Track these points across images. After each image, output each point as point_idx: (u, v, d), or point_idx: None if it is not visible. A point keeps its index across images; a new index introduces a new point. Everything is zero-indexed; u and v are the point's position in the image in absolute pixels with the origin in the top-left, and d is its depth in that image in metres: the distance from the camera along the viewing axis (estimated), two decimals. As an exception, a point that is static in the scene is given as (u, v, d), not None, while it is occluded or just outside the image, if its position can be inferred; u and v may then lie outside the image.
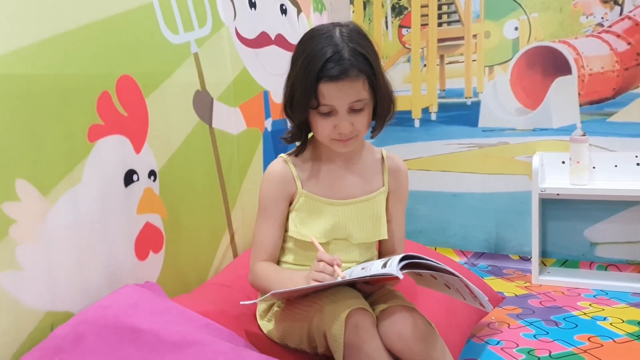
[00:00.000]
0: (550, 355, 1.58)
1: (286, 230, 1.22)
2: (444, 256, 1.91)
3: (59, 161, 1.15)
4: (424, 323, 1.07)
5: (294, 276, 1.13)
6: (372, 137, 1.26)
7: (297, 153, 1.25)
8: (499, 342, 1.68)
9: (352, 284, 1.13)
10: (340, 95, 1.11)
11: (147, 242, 1.38)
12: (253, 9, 1.80)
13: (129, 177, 1.33)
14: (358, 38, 1.14)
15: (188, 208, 1.52)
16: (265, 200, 1.22)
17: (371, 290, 1.16)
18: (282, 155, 1.26)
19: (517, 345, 1.65)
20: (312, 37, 1.16)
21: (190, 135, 1.53)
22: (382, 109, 1.18)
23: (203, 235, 1.58)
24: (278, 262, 1.25)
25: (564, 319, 1.83)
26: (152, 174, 1.39)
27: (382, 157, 1.28)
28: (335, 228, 1.19)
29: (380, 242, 1.29)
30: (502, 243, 2.43)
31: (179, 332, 0.95)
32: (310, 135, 1.24)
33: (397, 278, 0.97)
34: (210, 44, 1.60)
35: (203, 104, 1.58)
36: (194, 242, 1.54)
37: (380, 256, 1.30)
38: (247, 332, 1.22)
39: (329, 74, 1.09)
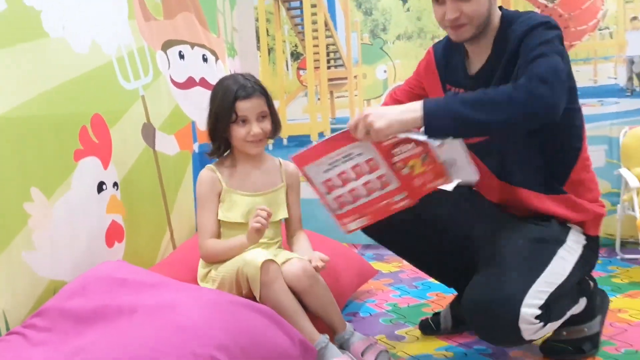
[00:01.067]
0: (408, 306, 2.22)
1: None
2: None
3: (57, 175, 1.66)
4: (310, 268, 1.65)
5: (237, 239, 1.67)
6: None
7: (219, 163, 1.80)
8: (374, 301, 2.31)
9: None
10: (251, 108, 1.69)
11: (113, 234, 1.89)
12: (182, 59, 2.36)
13: (100, 187, 1.84)
14: (254, 78, 1.75)
15: (140, 209, 2.04)
16: (202, 197, 1.76)
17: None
18: (209, 165, 1.82)
19: (386, 302, 2.28)
20: (225, 79, 1.76)
21: (140, 155, 2.06)
22: (275, 125, 1.77)
23: (151, 230, 2.10)
24: None
25: (422, 284, 2.49)
26: (115, 184, 1.91)
27: (280, 163, 1.87)
28: (250, 212, 1.76)
29: (285, 222, 1.86)
30: (383, 236, 3.09)
31: (154, 278, 1.49)
32: (226, 153, 1.80)
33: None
34: (152, 88, 2.14)
35: (148, 133, 2.11)
36: (145, 235, 2.06)
37: (287, 233, 1.87)
38: (191, 290, 1.76)
39: (242, 95, 1.68)
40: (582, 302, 1.65)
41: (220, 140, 1.76)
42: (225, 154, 1.80)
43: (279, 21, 3.13)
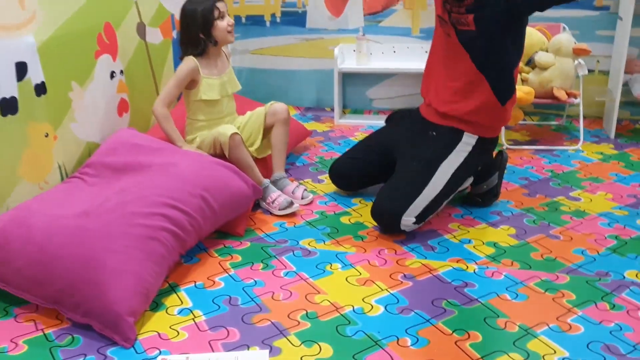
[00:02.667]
0: (330, 159, 3.14)
1: (197, 100, 2.56)
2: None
3: (85, 70, 2.41)
4: (289, 111, 2.54)
5: (178, 137, 2.46)
6: None
7: (198, 56, 2.53)
8: (307, 154, 3.22)
9: None
10: (224, 6, 2.43)
11: (122, 108, 2.69)
12: (162, -35, 2.98)
13: (112, 75, 2.60)
14: None
15: (138, 88, 2.81)
16: (179, 76, 2.44)
17: None
18: (191, 56, 2.54)
19: (316, 155, 3.20)
20: (190, 1, 2.44)
21: (136, 47, 2.79)
22: None
23: (146, 102, 2.89)
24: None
25: (344, 142, 3.39)
26: (121, 71, 2.67)
27: (224, 52, 2.60)
28: (222, 90, 2.54)
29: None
30: (320, 101, 3.93)
31: (159, 144, 2.33)
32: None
33: None
34: (142, -6, 2.81)
35: (140, 29, 2.81)
36: (142, 107, 2.85)
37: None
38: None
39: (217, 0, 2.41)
40: (470, 179, 2.43)
41: (198, 41, 2.46)
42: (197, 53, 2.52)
43: None
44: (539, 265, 2.10)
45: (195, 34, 2.45)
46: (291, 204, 2.48)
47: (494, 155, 2.52)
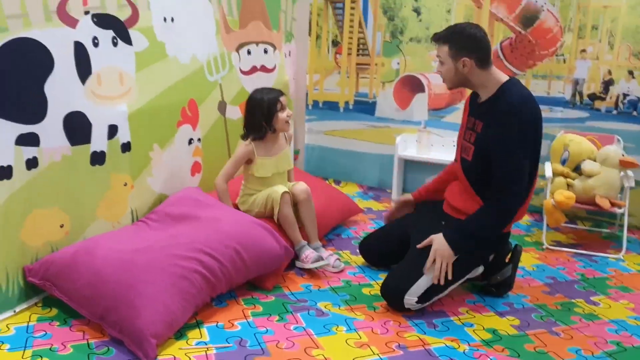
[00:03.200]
0: (374, 235, 3.43)
1: (251, 174, 2.97)
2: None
3: (166, 135, 2.93)
4: (309, 190, 2.87)
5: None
6: None
7: (258, 139, 2.98)
8: (355, 228, 3.53)
9: None
10: (285, 100, 2.86)
11: (195, 169, 3.18)
12: (249, 55, 3.52)
13: (190, 141, 3.11)
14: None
15: (212, 154, 3.30)
16: (238, 156, 2.88)
17: None
18: (249, 140, 2.98)
19: (363, 230, 3.50)
20: (259, 91, 2.90)
21: (216, 120, 3.30)
22: None
23: (219, 167, 3.37)
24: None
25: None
26: (199, 139, 3.17)
27: (284, 135, 3.03)
28: (276, 168, 2.95)
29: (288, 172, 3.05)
30: (383, 182, 4.26)
31: (212, 201, 2.76)
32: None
33: None
34: (227, 77, 3.34)
35: (222, 106, 3.34)
36: (212, 170, 3.33)
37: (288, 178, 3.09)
38: (235, 209, 3.05)
39: (281, 94, 2.86)
40: (480, 269, 2.62)
41: (260, 127, 2.90)
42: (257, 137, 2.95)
43: (327, 17, 4.21)
44: (528, 356, 2.23)
45: (259, 121, 2.89)
46: (322, 259, 2.79)
47: (509, 248, 2.71)
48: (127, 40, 2.62)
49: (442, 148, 3.97)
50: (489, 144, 2.37)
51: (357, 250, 3.15)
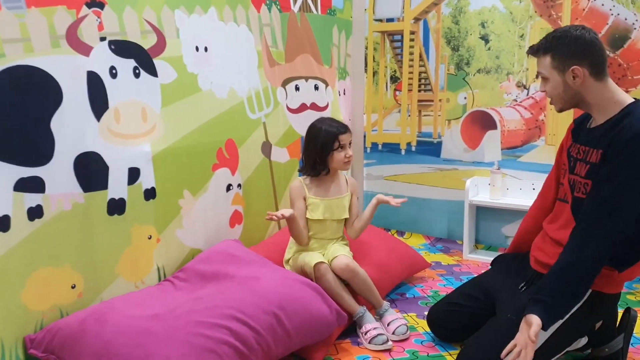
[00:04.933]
0: (447, 294, 2.90)
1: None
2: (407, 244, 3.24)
3: (200, 181, 2.56)
4: (351, 263, 2.41)
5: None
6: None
7: (308, 177, 2.57)
8: (422, 286, 3.01)
9: None
10: (346, 138, 2.46)
11: (235, 219, 2.79)
12: (297, 91, 3.16)
13: (228, 187, 2.73)
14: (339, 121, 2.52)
15: (255, 202, 2.91)
16: (292, 195, 2.51)
17: None
18: (299, 177, 2.60)
19: (431, 289, 2.98)
20: (319, 122, 2.51)
21: (259, 164, 2.92)
22: None
23: (262, 216, 2.97)
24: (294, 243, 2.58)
25: (466, 277, 3.13)
26: (239, 185, 2.79)
27: (346, 178, 2.61)
28: (326, 211, 2.53)
29: (346, 220, 2.60)
30: (452, 232, 3.73)
31: (252, 257, 2.34)
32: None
33: None
34: (272, 116, 2.98)
35: (266, 148, 2.96)
36: (256, 220, 2.93)
37: (347, 225, 2.63)
38: (280, 265, 2.61)
39: (342, 130, 2.46)
40: (583, 340, 2.08)
41: (314, 163, 2.52)
42: (311, 174, 2.57)
43: (383, 51, 3.82)
44: None
45: (313, 157, 2.51)
46: (385, 341, 2.29)
47: (619, 314, 2.13)
48: (152, 71, 2.29)
49: (519, 192, 3.43)
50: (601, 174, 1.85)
51: (425, 313, 2.63)
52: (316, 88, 3.30)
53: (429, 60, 3.68)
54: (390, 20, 3.77)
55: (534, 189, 3.40)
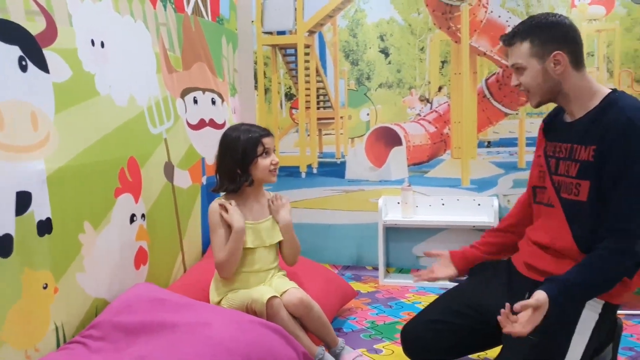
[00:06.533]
0: (384, 323, 2.60)
1: None
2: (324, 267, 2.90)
3: (102, 210, 2.00)
4: (306, 297, 2.02)
5: (231, 237, 2.02)
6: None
7: (225, 197, 2.14)
8: (355, 318, 2.69)
9: None
10: (271, 142, 2.09)
11: (140, 258, 2.23)
12: (196, 104, 2.70)
13: (132, 218, 2.18)
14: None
15: (160, 236, 2.38)
16: (214, 224, 2.09)
17: None
18: (218, 198, 2.16)
19: (365, 319, 2.66)
20: (237, 128, 2.13)
21: (162, 190, 2.40)
22: None
23: (167, 254, 2.44)
24: (218, 278, 2.11)
25: (395, 304, 2.88)
26: (142, 215, 2.25)
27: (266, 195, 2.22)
28: (256, 238, 2.09)
29: (279, 244, 2.19)
30: (360, 258, 3.48)
31: (185, 300, 1.84)
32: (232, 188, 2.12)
33: None
34: (172, 131, 2.49)
35: (168, 170, 2.46)
36: (163, 258, 2.39)
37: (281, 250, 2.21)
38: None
39: (265, 133, 2.08)
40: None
41: (234, 175, 2.10)
42: (231, 189, 2.13)
43: (275, 65, 3.51)
44: None
45: (231, 168, 2.09)
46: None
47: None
48: (42, 65, 1.73)
49: (429, 209, 3.30)
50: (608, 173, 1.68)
51: (375, 347, 2.34)
52: (213, 102, 2.87)
53: (327, 75, 3.45)
54: (281, 33, 3.48)
55: (443, 204, 3.28)
